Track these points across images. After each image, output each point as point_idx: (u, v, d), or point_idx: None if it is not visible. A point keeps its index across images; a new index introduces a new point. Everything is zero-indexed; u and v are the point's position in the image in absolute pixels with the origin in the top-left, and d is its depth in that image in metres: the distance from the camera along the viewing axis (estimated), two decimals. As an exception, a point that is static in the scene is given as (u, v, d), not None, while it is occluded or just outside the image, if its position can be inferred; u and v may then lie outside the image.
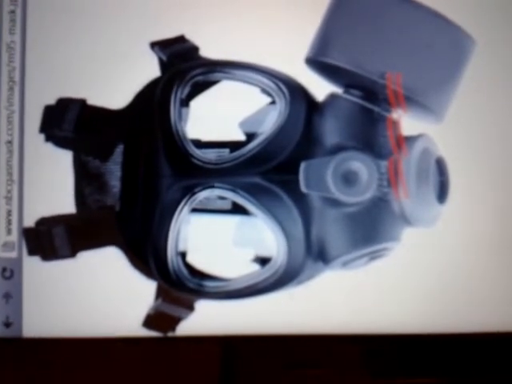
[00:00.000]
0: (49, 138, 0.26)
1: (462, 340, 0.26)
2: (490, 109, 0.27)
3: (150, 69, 0.26)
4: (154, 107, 0.26)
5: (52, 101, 0.26)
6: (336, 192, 0.26)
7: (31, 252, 0.26)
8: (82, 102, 0.26)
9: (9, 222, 0.26)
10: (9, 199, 0.26)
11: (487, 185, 0.27)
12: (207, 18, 0.27)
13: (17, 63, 0.26)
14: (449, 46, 0.26)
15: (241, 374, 0.26)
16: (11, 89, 0.26)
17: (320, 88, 0.26)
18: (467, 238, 0.27)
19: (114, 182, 0.26)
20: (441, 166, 0.26)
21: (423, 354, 0.26)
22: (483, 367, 0.26)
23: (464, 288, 0.26)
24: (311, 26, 0.26)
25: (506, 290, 0.27)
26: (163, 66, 0.27)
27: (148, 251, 0.26)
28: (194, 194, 0.26)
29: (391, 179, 0.26)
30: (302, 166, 0.26)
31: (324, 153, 0.26)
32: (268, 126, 0.26)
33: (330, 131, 0.26)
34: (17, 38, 0.27)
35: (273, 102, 0.26)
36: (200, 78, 0.27)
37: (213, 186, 0.26)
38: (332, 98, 0.26)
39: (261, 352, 0.26)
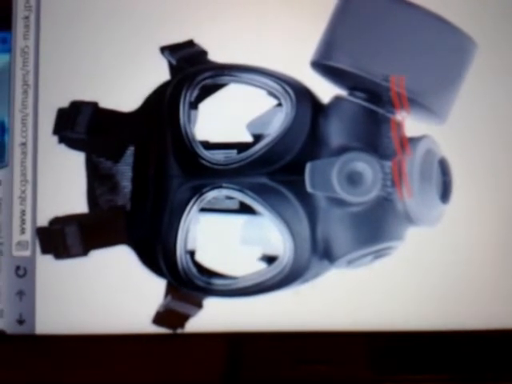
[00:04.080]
0: (62, 140, 0.27)
1: (465, 337, 0.26)
2: (492, 110, 0.27)
3: (159, 73, 0.27)
4: (164, 110, 0.27)
5: (65, 104, 0.27)
6: (341, 192, 0.26)
7: (44, 251, 0.26)
8: (93, 105, 0.27)
9: (23, 222, 0.26)
10: (23, 199, 0.26)
11: (490, 184, 0.27)
12: (215, 23, 0.27)
13: (30, 67, 0.27)
14: (451, 49, 0.26)
15: (247, 369, 0.26)
16: (25, 92, 0.27)
17: (325, 90, 0.27)
18: (470, 237, 0.27)
19: (125, 182, 0.27)
20: (444, 167, 0.26)
21: (427, 351, 0.26)
22: (486, 364, 0.26)
23: (467, 286, 0.26)
24: (316, 30, 0.27)
25: (510, 288, 0.27)
26: (173, 69, 0.27)
27: (158, 250, 0.26)
28: (202, 193, 0.26)
29: (395, 179, 0.26)
30: (308, 166, 0.26)
31: (329, 154, 0.26)
32: (275, 127, 0.26)
33: (335, 132, 0.26)
34: (30, 43, 0.27)
35: (279, 104, 0.27)
36: (208, 81, 0.27)
37: (221, 186, 0.26)
38: (337, 100, 0.27)
39: (267, 348, 0.26)
